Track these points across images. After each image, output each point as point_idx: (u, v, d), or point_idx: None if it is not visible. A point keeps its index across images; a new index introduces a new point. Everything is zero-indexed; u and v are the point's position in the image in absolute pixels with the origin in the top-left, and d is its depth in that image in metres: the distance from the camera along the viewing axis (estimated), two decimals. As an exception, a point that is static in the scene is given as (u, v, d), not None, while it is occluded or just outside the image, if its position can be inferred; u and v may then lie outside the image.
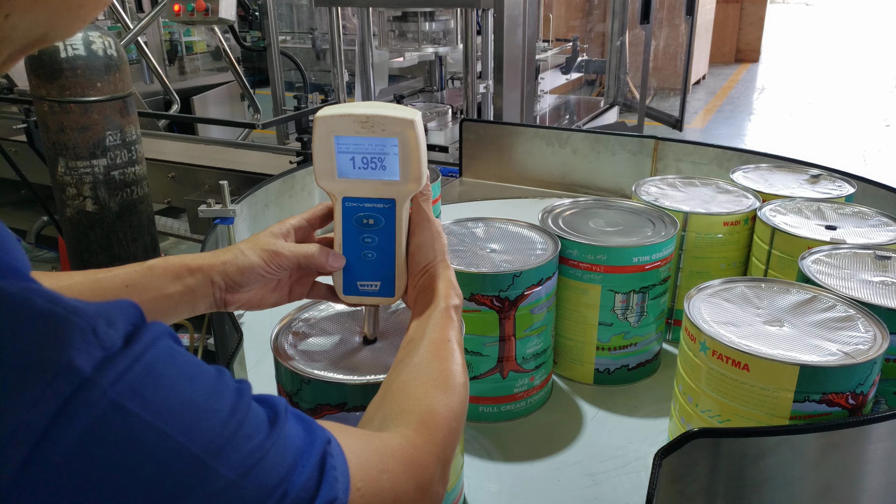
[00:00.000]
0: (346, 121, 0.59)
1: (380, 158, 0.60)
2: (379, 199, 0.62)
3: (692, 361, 0.72)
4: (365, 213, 0.62)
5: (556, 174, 1.74)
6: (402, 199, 0.62)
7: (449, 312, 0.61)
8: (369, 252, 0.63)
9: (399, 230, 0.62)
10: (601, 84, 4.77)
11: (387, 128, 0.59)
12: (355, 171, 0.61)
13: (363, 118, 0.59)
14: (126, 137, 1.64)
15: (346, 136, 0.59)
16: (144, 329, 0.36)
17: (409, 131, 0.59)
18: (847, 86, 7.62)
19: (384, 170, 0.60)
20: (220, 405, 0.36)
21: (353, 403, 0.61)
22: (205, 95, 3.65)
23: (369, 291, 0.64)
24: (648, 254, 0.91)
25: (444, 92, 3.24)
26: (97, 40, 1.56)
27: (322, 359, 0.64)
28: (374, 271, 0.64)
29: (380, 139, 0.59)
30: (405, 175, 0.60)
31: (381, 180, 0.61)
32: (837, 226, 0.98)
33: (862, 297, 0.76)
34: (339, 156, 0.60)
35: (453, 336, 0.60)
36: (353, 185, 0.61)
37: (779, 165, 1.24)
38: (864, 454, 0.66)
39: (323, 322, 0.70)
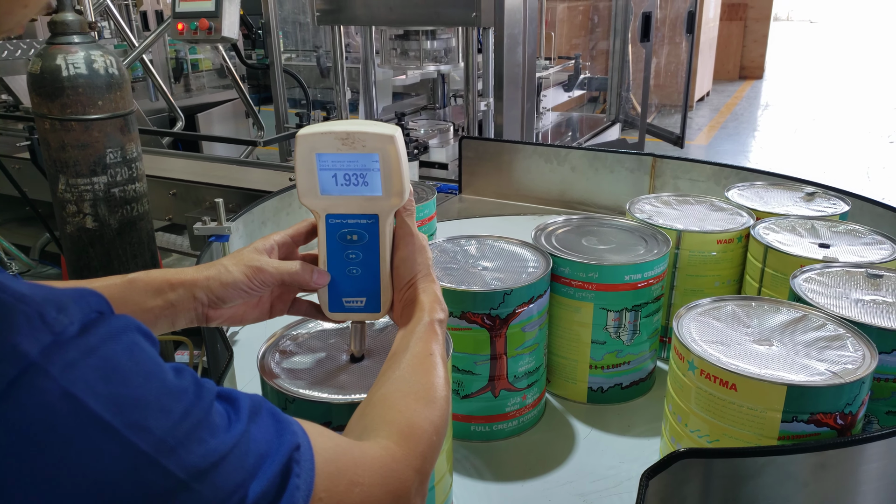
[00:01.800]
0: (326, 138, 0.60)
1: (362, 175, 0.61)
2: (362, 214, 0.62)
3: (681, 381, 0.71)
4: (349, 229, 0.62)
5: (554, 191, 1.75)
6: (386, 214, 0.62)
7: (433, 326, 0.61)
8: (354, 268, 0.63)
9: (383, 245, 0.63)
10: (604, 101, 4.79)
11: (367, 144, 0.59)
12: (338, 187, 0.61)
13: (343, 135, 0.59)
14: (127, 155, 1.66)
15: (328, 154, 0.60)
16: (106, 320, 0.36)
17: (389, 147, 0.59)
18: (851, 102, 7.62)
19: (366, 185, 0.61)
20: (174, 405, 0.36)
21: (338, 422, 0.60)
22: (209, 113, 3.68)
23: (355, 308, 0.65)
24: (641, 272, 0.91)
25: (447, 109, 3.26)
26: (99, 59, 1.58)
27: (307, 377, 0.64)
28: (359, 287, 0.64)
29: (361, 155, 0.60)
30: (387, 190, 0.61)
31: (364, 196, 0.61)
32: (831, 244, 0.98)
33: (852, 315, 0.75)
34: (321, 173, 0.61)
35: (436, 349, 0.60)
36: (336, 201, 0.62)
37: (774, 183, 1.24)
38: (854, 474, 0.65)
39: (310, 340, 0.70)
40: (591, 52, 4.64)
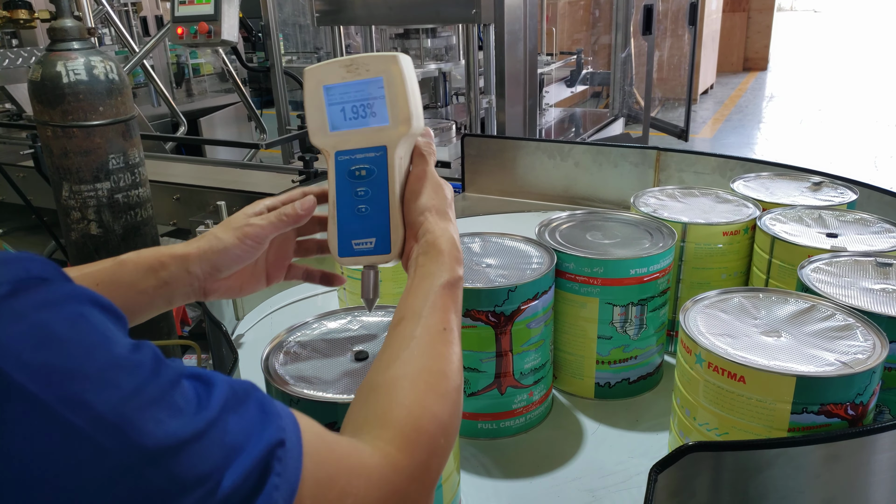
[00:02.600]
0: (331, 68, 0.59)
1: (368, 104, 0.59)
2: (370, 147, 0.60)
3: (689, 374, 0.71)
4: (357, 164, 0.60)
5: (558, 187, 1.74)
6: (394, 144, 0.59)
7: (451, 290, 0.56)
8: (363, 205, 0.60)
9: (392, 179, 0.60)
10: (607, 96, 4.77)
11: (371, 68, 0.58)
12: (346, 122, 0.60)
13: (348, 62, 0.59)
14: (129, 160, 1.66)
15: (334, 85, 0.59)
16: (47, 286, 0.33)
17: (392, 67, 0.58)
18: (857, 91, 7.57)
19: (374, 116, 0.59)
20: (124, 380, 0.33)
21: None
22: (212, 117, 3.69)
23: (365, 250, 0.61)
24: (646, 265, 0.90)
25: (449, 108, 3.25)
26: (99, 65, 1.58)
27: (312, 378, 0.64)
28: (368, 226, 0.60)
29: (365, 81, 0.58)
30: (394, 117, 0.59)
31: (372, 128, 0.60)
32: (839, 233, 0.97)
33: (862, 305, 0.74)
34: (329, 108, 0.60)
35: (453, 322, 0.55)
36: (345, 136, 0.60)
37: (780, 173, 1.23)
38: (866, 465, 0.64)
39: (314, 342, 0.70)
40: (593, 47, 4.62)
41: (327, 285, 0.77)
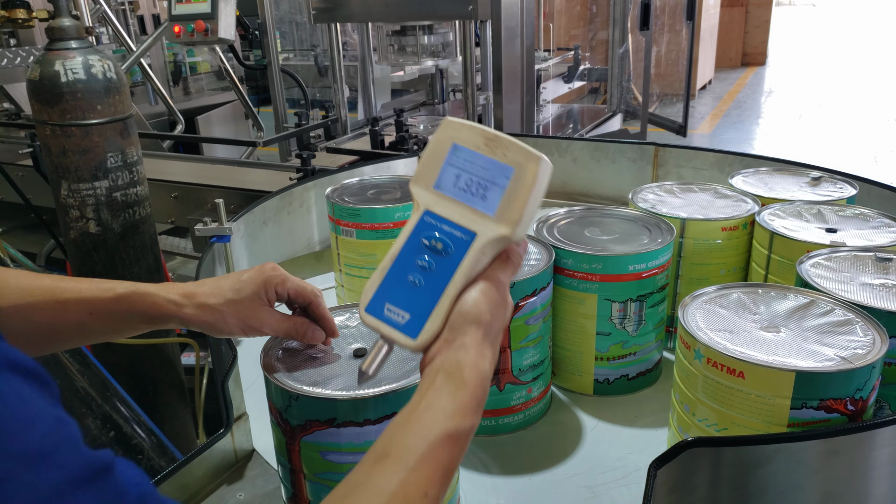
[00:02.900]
0: (471, 131, 0.55)
1: (485, 186, 0.54)
2: (461, 226, 0.55)
3: (687, 370, 0.71)
4: (439, 234, 0.55)
5: (556, 183, 1.74)
6: (485, 238, 0.54)
7: (455, 443, 0.48)
8: (418, 277, 0.55)
9: (463, 268, 0.54)
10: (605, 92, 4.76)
11: (510, 154, 0.53)
12: (454, 189, 0.55)
13: (491, 136, 0.55)
14: (127, 159, 1.66)
15: (465, 148, 0.55)
16: None
17: (530, 166, 0.53)
18: (856, 86, 7.57)
19: (483, 199, 0.54)
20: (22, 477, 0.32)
21: (343, 419, 0.60)
22: (209, 115, 3.68)
23: (393, 321, 0.55)
24: (644, 261, 0.90)
25: (447, 105, 3.25)
26: (97, 64, 1.57)
27: (311, 374, 0.64)
28: (411, 300, 0.55)
29: (496, 163, 0.54)
30: (502, 213, 0.53)
31: (474, 210, 0.54)
32: (838, 228, 0.97)
33: (861, 300, 0.74)
34: (446, 166, 0.56)
35: (439, 488, 0.47)
36: (444, 201, 0.56)
37: (779, 169, 1.23)
38: (866, 460, 0.64)
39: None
40: (591, 43, 4.61)
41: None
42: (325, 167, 1.98)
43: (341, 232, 1.13)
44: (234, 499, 0.79)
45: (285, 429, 0.63)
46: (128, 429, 1.52)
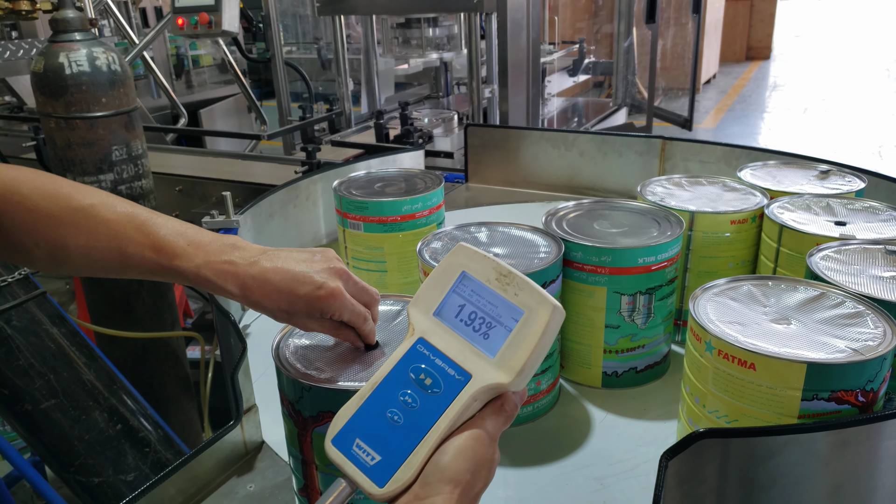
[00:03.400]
0: (484, 261, 0.51)
1: (490, 325, 0.50)
2: (456, 364, 0.50)
3: (698, 362, 0.71)
4: (430, 368, 0.50)
5: (563, 177, 1.73)
6: (480, 382, 0.49)
7: None
8: (399, 414, 0.49)
9: (450, 412, 0.48)
10: (610, 85, 4.74)
11: (521, 295, 0.49)
12: (455, 320, 0.51)
13: (505, 271, 0.51)
14: (132, 152, 1.66)
15: (474, 279, 0.51)
16: None
17: (541, 313, 0.48)
18: (860, 80, 7.54)
19: (485, 339, 0.50)
20: None
21: None
22: (212, 108, 3.68)
23: (361, 460, 0.49)
24: (654, 254, 0.90)
25: (451, 98, 3.24)
26: (101, 56, 1.57)
27: (323, 366, 0.64)
28: (386, 439, 0.49)
29: (506, 302, 0.50)
30: (503, 358, 0.49)
31: (473, 348, 0.50)
32: (847, 221, 0.96)
33: (871, 292, 0.74)
34: (451, 294, 0.52)
35: None
36: (442, 332, 0.51)
37: (787, 162, 1.23)
38: (875, 452, 0.64)
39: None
40: (596, 36, 4.60)
41: None
42: (330, 160, 1.98)
43: (349, 225, 1.13)
44: (245, 490, 0.79)
45: (297, 420, 0.63)
46: (135, 422, 1.52)
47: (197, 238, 0.62)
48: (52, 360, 1.46)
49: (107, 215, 0.62)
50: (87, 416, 1.46)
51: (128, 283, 1.71)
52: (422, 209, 1.11)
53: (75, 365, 1.51)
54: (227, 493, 0.79)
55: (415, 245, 1.13)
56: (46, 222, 0.61)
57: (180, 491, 0.77)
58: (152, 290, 1.75)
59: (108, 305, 1.73)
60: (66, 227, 0.61)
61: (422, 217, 1.12)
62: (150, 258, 0.61)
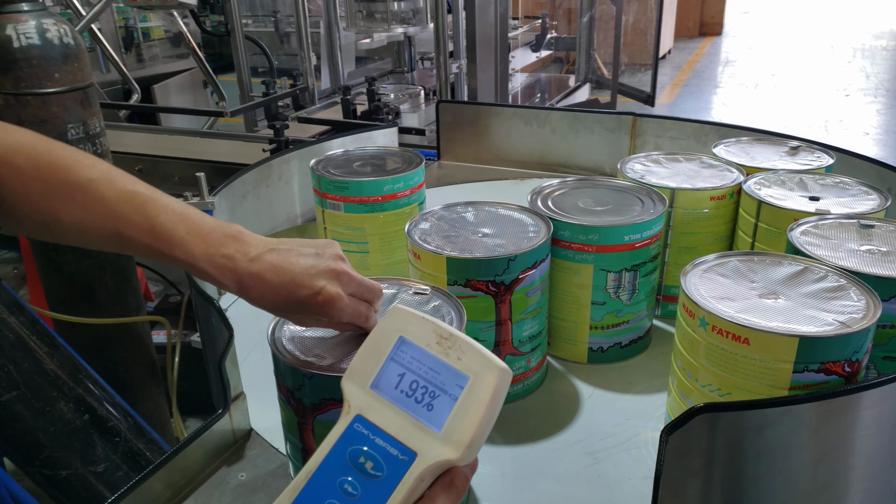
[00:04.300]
0: (424, 326, 0.47)
1: (433, 394, 0.46)
2: (399, 442, 0.45)
3: (691, 337, 0.72)
4: (370, 450, 0.45)
5: (535, 154, 1.73)
6: (427, 461, 0.44)
7: None
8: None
9: (395, 500, 0.44)
10: (569, 61, 4.75)
11: (465, 359, 0.46)
12: (395, 392, 0.47)
13: (446, 333, 0.47)
14: (89, 130, 1.59)
15: (413, 344, 0.47)
16: None
17: (489, 378, 0.45)
18: (807, 57, 7.75)
19: (429, 411, 0.45)
20: None
21: None
22: (166, 84, 3.55)
23: None
24: (640, 231, 0.91)
25: (415, 73, 3.20)
26: (52, 28, 1.49)
27: (323, 352, 0.63)
28: None
29: (449, 368, 0.46)
30: (449, 431, 0.44)
31: (417, 421, 0.45)
32: (820, 197, 0.99)
33: (851, 266, 0.77)
34: (389, 363, 0.48)
35: None
36: (381, 408, 0.47)
37: (758, 138, 1.25)
38: (858, 420, 0.67)
39: None
40: (557, 11, 4.59)
41: None
42: (297, 138, 1.93)
43: (328, 206, 1.11)
44: (236, 479, 0.78)
45: (297, 408, 0.62)
46: (102, 411, 1.48)
47: (198, 225, 0.60)
48: (11, 350, 1.40)
49: (105, 192, 0.59)
50: (52, 408, 1.41)
51: (89, 267, 1.64)
52: (404, 188, 1.10)
53: (36, 354, 1.45)
54: (219, 484, 0.77)
55: (397, 225, 1.12)
56: (40, 195, 0.58)
57: (169, 484, 0.75)
58: (115, 273, 1.69)
59: (68, 291, 1.66)
60: (61, 201, 0.59)
61: (403, 197, 1.11)
62: (146, 244, 0.59)
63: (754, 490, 0.67)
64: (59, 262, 1.63)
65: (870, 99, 6.03)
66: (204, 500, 0.75)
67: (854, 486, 0.69)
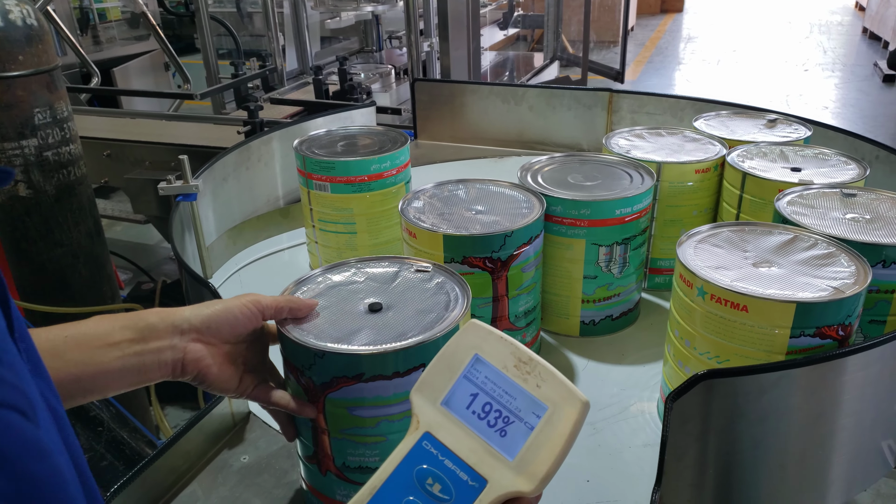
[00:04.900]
0: (502, 346, 0.45)
1: (507, 419, 0.43)
2: (470, 467, 0.43)
3: (688, 306, 0.73)
4: (438, 471, 0.43)
5: (512, 132, 1.74)
6: (497, 490, 0.42)
7: None
8: None
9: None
10: (534, 39, 4.75)
11: (544, 388, 0.43)
12: (466, 411, 0.45)
13: (525, 357, 0.44)
14: (57, 115, 1.53)
15: (489, 364, 0.45)
16: None
17: (569, 410, 0.42)
18: (766, 32, 7.87)
19: (503, 437, 0.43)
20: None
21: (371, 374, 0.59)
22: (126, 67, 3.44)
23: None
24: (630, 205, 0.92)
25: (383, 52, 3.16)
26: (14, 9, 1.44)
27: (330, 331, 0.62)
28: None
29: (527, 395, 0.43)
30: (523, 461, 0.42)
31: (489, 447, 0.43)
32: (802, 167, 1.01)
33: (838, 233, 0.79)
34: (461, 380, 0.45)
35: None
36: (452, 427, 0.44)
37: (737, 112, 1.28)
38: (850, 382, 0.69)
39: (323, 293, 0.68)
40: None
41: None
42: (270, 119, 1.90)
43: (314, 186, 1.09)
44: (239, 462, 0.77)
45: (308, 387, 0.62)
46: (82, 400, 1.45)
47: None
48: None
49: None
50: (31, 399, 1.38)
51: (62, 255, 1.60)
52: (390, 168, 1.09)
53: (12, 346, 1.41)
54: (222, 467, 0.77)
55: (384, 205, 1.11)
56: None
57: (171, 469, 0.74)
58: (89, 262, 1.65)
59: (41, 281, 1.62)
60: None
61: (390, 176, 1.10)
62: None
63: (753, 453, 0.69)
64: (30, 251, 1.58)
65: (827, 73, 6.17)
66: (208, 483, 0.74)
67: (845, 445, 0.72)
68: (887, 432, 0.78)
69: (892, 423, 0.77)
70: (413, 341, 0.60)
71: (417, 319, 0.63)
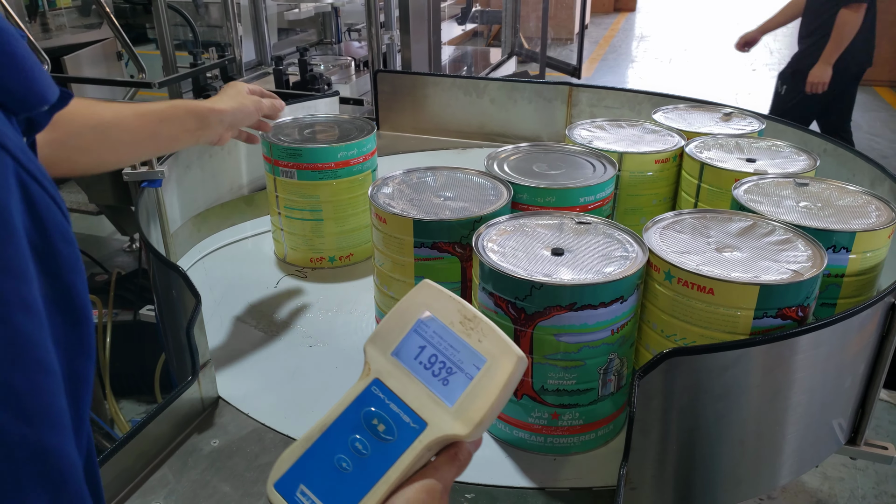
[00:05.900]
0: (450, 304, 0.48)
1: (450, 370, 0.47)
2: (412, 410, 0.47)
3: (656, 291, 0.76)
4: (383, 413, 0.47)
5: (474, 124, 1.75)
6: (436, 432, 0.46)
7: None
8: (347, 460, 0.46)
9: (402, 463, 0.45)
10: (492, 35, 4.78)
11: (485, 342, 0.47)
12: (414, 361, 0.48)
13: (470, 314, 0.48)
14: (6, 100, 1.48)
15: (438, 320, 0.48)
16: None
17: (505, 363, 0.46)
18: (715, 32, 8.10)
19: (444, 385, 0.47)
20: None
21: (581, 303, 0.68)
22: (77, 55, 3.32)
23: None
24: (593, 193, 0.94)
25: (342, 45, 3.14)
26: (-41, -11, 1.37)
27: (533, 267, 0.71)
28: (331, 487, 0.46)
29: (468, 348, 0.47)
30: (461, 408, 0.46)
31: (431, 393, 0.47)
32: (756, 158, 1.06)
33: (793, 220, 0.83)
34: (411, 334, 0.49)
35: None
36: (400, 375, 0.48)
37: (694, 106, 1.32)
38: (806, 359, 0.73)
39: (510, 236, 0.78)
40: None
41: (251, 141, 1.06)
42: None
43: (280, 173, 1.09)
44: (209, 446, 0.77)
45: (518, 317, 0.70)
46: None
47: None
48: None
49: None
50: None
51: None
52: (357, 155, 1.09)
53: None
54: (192, 452, 0.76)
55: (350, 192, 1.11)
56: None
57: (141, 454, 0.73)
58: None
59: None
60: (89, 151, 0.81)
61: (356, 164, 1.10)
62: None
63: (716, 428, 0.72)
64: None
65: (774, 73, 6.36)
66: (178, 467, 0.73)
67: (801, 421, 0.76)
68: (838, 411, 0.82)
69: (842, 402, 0.81)
70: (616, 276, 0.69)
71: (602, 261, 0.73)
